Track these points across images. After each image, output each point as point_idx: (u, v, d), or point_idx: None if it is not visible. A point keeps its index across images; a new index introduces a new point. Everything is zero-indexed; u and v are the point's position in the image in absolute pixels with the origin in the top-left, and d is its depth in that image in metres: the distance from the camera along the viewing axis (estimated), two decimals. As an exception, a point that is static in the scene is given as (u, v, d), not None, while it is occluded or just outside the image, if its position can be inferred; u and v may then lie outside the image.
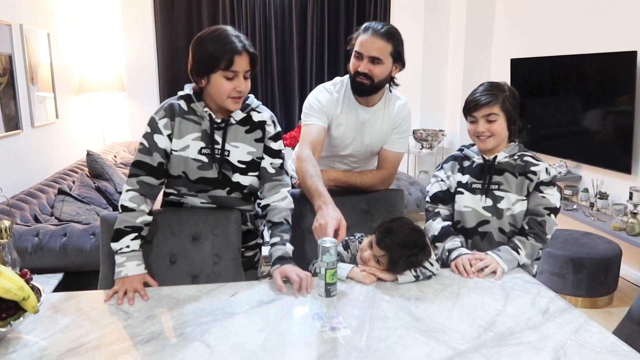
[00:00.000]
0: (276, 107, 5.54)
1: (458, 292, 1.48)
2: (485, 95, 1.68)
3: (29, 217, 2.71)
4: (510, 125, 1.70)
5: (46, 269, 2.42)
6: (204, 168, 1.63)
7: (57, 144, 4.09)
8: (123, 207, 1.59)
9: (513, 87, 1.74)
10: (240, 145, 1.65)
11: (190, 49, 1.56)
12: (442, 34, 5.28)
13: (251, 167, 1.68)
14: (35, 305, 1.22)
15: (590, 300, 3.04)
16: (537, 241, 1.68)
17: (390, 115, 1.95)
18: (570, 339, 1.22)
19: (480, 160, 1.75)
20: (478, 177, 1.75)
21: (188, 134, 1.62)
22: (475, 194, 1.74)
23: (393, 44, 1.80)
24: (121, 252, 1.55)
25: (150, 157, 1.61)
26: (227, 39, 1.51)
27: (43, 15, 3.93)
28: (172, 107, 1.62)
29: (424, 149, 5.10)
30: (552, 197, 1.70)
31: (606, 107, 3.46)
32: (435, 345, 1.19)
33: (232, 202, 1.73)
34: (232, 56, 1.50)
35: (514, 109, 1.70)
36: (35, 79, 3.65)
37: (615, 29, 3.48)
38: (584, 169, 3.82)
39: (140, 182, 1.61)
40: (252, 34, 5.33)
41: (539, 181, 1.70)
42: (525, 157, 1.73)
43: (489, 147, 1.71)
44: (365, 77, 1.81)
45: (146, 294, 1.45)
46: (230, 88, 1.53)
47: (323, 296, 1.34)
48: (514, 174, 1.71)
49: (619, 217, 3.20)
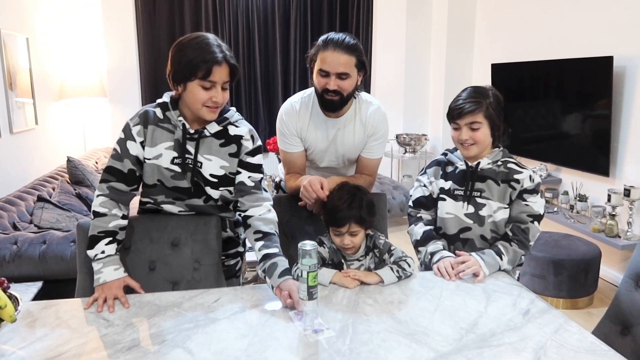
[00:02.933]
0: (259, 111, 5.54)
1: (440, 294, 1.49)
2: (469, 102, 1.66)
3: (8, 224, 2.66)
4: (494, 131, 1.69)
5: (25, 277, 2.38)
6: (177, 178, 1.61)
7: (37, 151, 4.03)
8: (95, 213, 1.57)
9: (497, 91, 1.72)
10: (213, 159, 1.61)
11: (170, 54, 1.52)
12: (424, 39, 5.34)
13: (223, 182, 1.63)
14: (12, 314, 1.20)
15: (571, 301, 3.08)
16: (520, 247, 1.68)
17: (363, 122, 1.91)
18: (550, 339, 1.23)
19: (463, 167, 1.74)
20: (460, 184, 1.74)
21: (161, 142, 1.58)
22: (457, 200, 1.74)
23: (356, 56, 1.74)
24: (97, 259, 1.53)
25: (122, 163, 1.58)
26: (208, 47, 1.47)
27: (22, 20, 3.87)
28: (147, 114, 1.59)
29: (407, 153, 5.13)
30: (536, 204, 1.69)
31: (584, 111, 3.53)
32: (417, 348, 1.19)
33: (210, 209, 1.71)
34: (211, 66, 1.45)
35: (498, 115, 1.68)
36: (14, 84, 3.59)
37: (592, 34, 3.55)
38: (563, 172, 3.88)
39: (110, 187, 1.58)
40: (235, 38, 5.33)
41: (522, 189, 1.69)
42: (509, 163, 1.72)
43: (472, 154, 1.71)
44: (334, 93, 1.77)
45: (127, 301, 1.43)
46: (206, 97, 1.49)
47: (305, 299, 1.34)
48: (496, 181, 1.70)
49: (598, 219, 3.26)
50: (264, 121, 5.54)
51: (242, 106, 5.51)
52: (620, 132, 3.34)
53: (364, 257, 1.69)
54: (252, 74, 5.46)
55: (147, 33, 5.10)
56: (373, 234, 1.71)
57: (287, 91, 5.49)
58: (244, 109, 5.53)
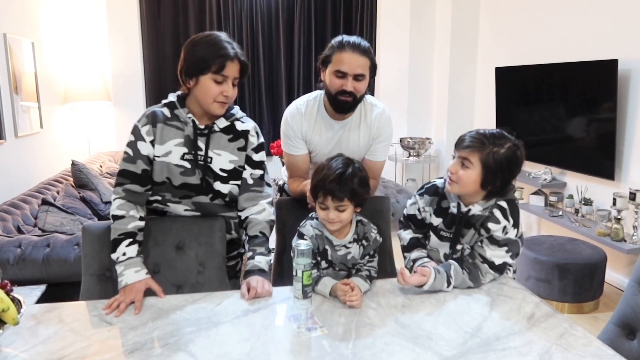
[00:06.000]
0: (263, 115, 5.55)
1: (444, 298, 1.48)
2: (474, 138, 1.53)
3: (12, 228, 2.67)
4: (486, 183, 1.52)
5: (29, 280, 2.38)
6: (187, 174, 1.63)
7: (42, 154, 4.04)
8: (113, 217, 1.60)
9: (521, 150, 1.54)
10: (222, 153, 1.66)
11: (183, 50, 1.58)
12: (428, 43, 5.34)
13: (233, 176, 1.68)
14: (15, 317, 1.20)
15: (576, 305, 3.06)
16: (470, 279, 1.55)
17: (368, 125, 1.91)
18: (555, 343, 1.22)
19: (454, 210, 1.62)
20: (448, 226, 1.64)
21: (170, 139, 1.62)
22: (442, 240, 1.67)
23: (370, 58, 1.78)
24: (119, 262, 1.55)
25: (135, 165, 1.61)
26: (221, 44, 1.54)
27: (27, 25, 3.90)
28: (155, 114, 1.63)
29: (411, 157, 5.13)
30: (492, 252, 1.55)
31: (589, 114, 3.52)
32: (421, 352, 1.19)
33: (216, 209, 1.73)
34: (224, 61, 1.53)
35: (499, 170, 1.50)
36: (19, 88, 3.61)
37: (597, 37, 3.54)
38: (568, 176, 3.87)
39: (125, 190, 1.61)
40: (239, 42, 5.29)
41: (488, 236, 1.56)
42: (496, 209, 1.56)
43: (452, 190, 1.58)
44: (349, 95, 1.77)
45: (140, 307, 1.42)
46: (218, 92, 1.55)
47: (300, 298, 1.34)
48: (475, 227, 1.59)
49: (603, 223, 3.24)
50: (268, 125, 5.54)
51: (246, 109, 5.52)
52: (626, 136, 3.32)
53: (352, 244, 1.61)
54: (256, 78, 5.47)
55: (151, 37, 5.12)
56: (366, 224, 1.65)
57: (291, 95, 5.50)
58: (248, 112, 5.54)
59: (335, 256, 1.61)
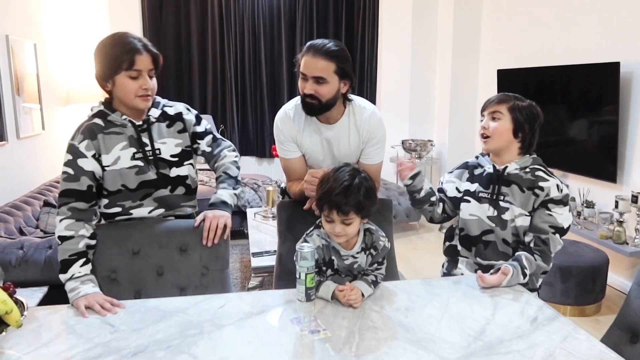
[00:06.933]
0: (265, 117, 5.55)
1: (447, 301, 1.48)
2: (499, 96, 1.73)
3: (14, 229, 2.68)
4: (517, 132, 1.69)
5: (31, 282, 2.38)
6: (142, 172, 1.65)
7: (43, 156, 4.05)
8: (61, 238, 1.55)
9: (538, 108, 1.74)
10: (167, 141, 1.71)
11: (93, 56, 1.59)
12: (430, 45, 5.34)
13: (184, 157, 1.74)
14: (18, 319, 1.20)
15: (578, 308, 3.06)
16: (543, 261, 1.64)
17: (357, 128, 1.89)
18: (559, 347, 1.22)
19: (490, 170, 1.74)
20: (486, 187, 1.74)
21: (114, 146, 1.63)
22: (481, 202, 1.74)
23: (336, 62, 1.73)
24: (74, 278, 1.50)
25: (78, 182, 1.58)
26: (126, 39, 1.57)
27: (30, 26, 3.91)
28: (89, 127, 1.62)
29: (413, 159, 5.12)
30: (561, 216, 1.64)
31: (591, 117, 3.52)
32: (424, 355, 1.18)
33: (178, 199, 1.75)
34: (133, 56, 1.54)
35: (526, 120, 1.69)
36: (21, 89, 3.62)
37: (599, 40, 3.54)
38: (570, 178, 3.86)
39: (71, 208, 1.57)
40: (241, 45, 5.35)
41: (548, 198, 1.65)
42: (538, 171, 1.69)
43: (488, 148, 1.72)
44: (311, 97, 1.77)
45: (120, 304, 1.43)
46: (136, 87, 1.57)
47: (303, 301, 1.33)
48: (521, 188, 1.68)
49: (605, 226, 3.24)
50: (270, 127, 5.55)
51: (248, 112, 5.53)
52: (628, 138, 3.32)
53: (359, 254, 1.57)
54: (258, 81, 5.48)
55: (153, 40, 5.03)
56: (374, 232, 1.59)
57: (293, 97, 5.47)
58: (250, 115, 5.54)
59: (342, 265, 1.57)
